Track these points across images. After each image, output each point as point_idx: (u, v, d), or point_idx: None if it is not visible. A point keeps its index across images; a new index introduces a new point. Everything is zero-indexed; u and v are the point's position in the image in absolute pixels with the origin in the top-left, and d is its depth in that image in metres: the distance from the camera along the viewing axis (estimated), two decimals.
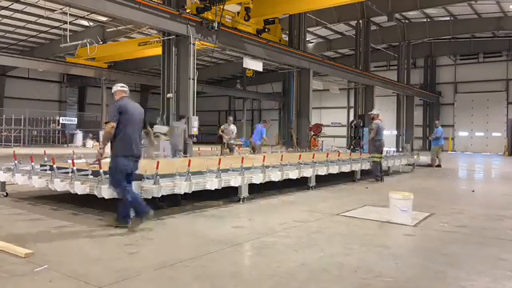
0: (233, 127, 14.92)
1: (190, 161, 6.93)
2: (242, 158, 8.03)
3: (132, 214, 5.62)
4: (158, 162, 6.43)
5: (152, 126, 5.81)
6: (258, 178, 7.99)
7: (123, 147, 5.60)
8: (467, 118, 34.18)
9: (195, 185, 6.72)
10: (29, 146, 27.87)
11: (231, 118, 15.57)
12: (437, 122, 19.32)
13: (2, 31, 27.28)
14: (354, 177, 11.46)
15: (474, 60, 33.92)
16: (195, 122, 13.30)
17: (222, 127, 15.11)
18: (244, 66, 17.63)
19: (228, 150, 14.34)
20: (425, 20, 28.53)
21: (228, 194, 7.85)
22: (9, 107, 30.67)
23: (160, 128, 12.71)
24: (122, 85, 5.93)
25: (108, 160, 5.76)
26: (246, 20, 16.10)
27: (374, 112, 12.16)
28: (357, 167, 11.37)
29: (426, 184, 11.49)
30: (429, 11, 26.52)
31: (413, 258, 4.70)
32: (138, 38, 23.74)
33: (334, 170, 10.31)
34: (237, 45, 15.91)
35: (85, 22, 25.19)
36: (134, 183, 5.81)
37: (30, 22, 25.61)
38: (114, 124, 5.50)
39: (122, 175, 5.59)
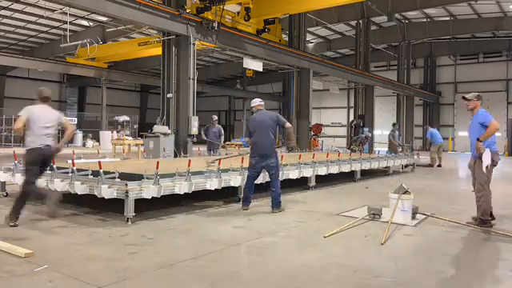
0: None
1: (189, 161, 6.92)
2: (242, 158, 8.02)
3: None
4: (157, 162, 6.42)
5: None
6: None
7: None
8: (467, 118, 34.13)
9: (195, 185, 6.72)
10: None
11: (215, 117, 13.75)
12: (426, 126, 19.45)
13: (2, 31, 27.25)
14: (354, 177, 11.47)
15: (474, 60, 33.89)
16: (195, 122, 13.30)
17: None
18: (244, 65, 17.64)
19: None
20: (425, 20, 28.52)
21: (228, 194, 7.85)
22: (9, 107, 30.67)
23: (160, 128, 12.70)
24: (260, 99, 7.26)
25: (107, 160, 5.75)
26: (246, 20, 16.07)
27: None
28: (357, 167, 11.38)
29: (426, 184, 11.48)
30: (429, 11, 26.51)
31: (413, 258, 4.70)
32: (138, 38, 23.71)
33: (334, 170, 10.31)
34: (237, 45, 15.90)
35: (85, 22, 25.17)
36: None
37: (30, 22, 25.58)
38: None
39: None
